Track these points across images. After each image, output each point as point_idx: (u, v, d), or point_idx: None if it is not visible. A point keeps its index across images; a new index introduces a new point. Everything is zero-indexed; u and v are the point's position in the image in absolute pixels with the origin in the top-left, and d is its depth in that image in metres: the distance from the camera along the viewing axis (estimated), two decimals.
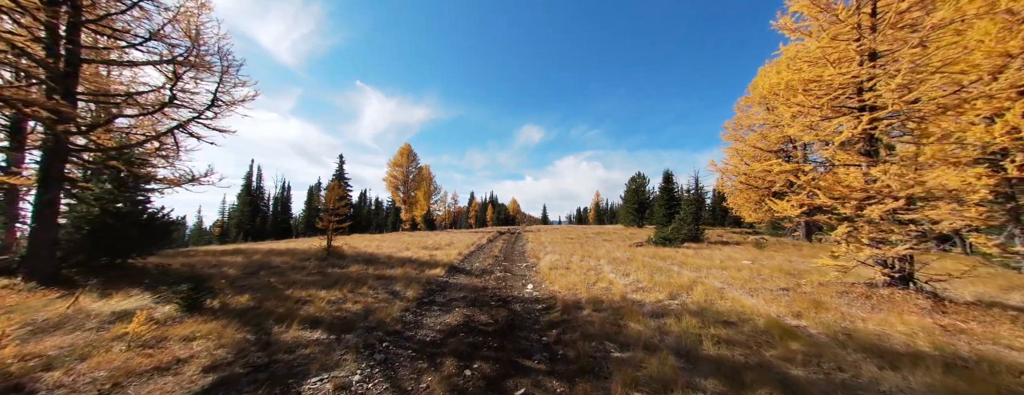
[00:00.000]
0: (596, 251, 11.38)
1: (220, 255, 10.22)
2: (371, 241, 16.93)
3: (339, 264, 8.76)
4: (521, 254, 12.34)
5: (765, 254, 9.82)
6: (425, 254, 11.37)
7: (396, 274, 7.62)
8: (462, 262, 10.26)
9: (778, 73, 5.82)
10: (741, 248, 12.00)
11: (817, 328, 3.61)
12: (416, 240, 17.62)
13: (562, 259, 9.53)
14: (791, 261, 8.15)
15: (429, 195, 40.28)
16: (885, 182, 4.47)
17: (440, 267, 8.62)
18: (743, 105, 17.78)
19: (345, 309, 4.88)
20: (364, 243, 15.43)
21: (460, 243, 15.73)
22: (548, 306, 5.17)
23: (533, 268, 8.77)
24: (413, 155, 34.42)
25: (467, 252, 12.79)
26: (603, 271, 7.26)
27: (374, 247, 13.55)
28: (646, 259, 8.67)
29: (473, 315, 4.85)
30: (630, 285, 5.86)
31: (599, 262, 8.59)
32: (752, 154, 16.24)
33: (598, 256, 9.96)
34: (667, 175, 28.47)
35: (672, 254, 9.67)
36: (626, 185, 34.44)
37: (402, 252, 11.94)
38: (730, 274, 6.38)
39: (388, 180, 32.80)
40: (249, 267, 7.98)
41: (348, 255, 10.43)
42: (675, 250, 11.24)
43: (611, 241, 16.09)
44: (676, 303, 4.58)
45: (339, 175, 39.26)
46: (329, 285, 6.26)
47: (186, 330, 3.73)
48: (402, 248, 13.41)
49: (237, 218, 35.60)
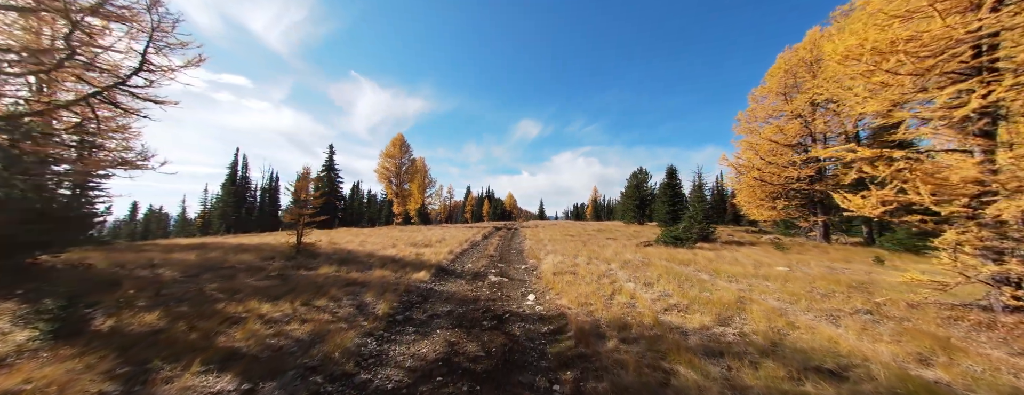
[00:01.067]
0: (602, 251, 10.22)
1: (173, 251, 8.89)
2: (357, 236, 15.64)
3: (308, 265, 7.49)
4: (519, 253, 11.14)
5: (793, 257, 8.71)
6: (412, 252, 10.12)
7: (372, 279, 6.37)
8: (453, 263, 9.04)
9: (852, 34, 4.58)
10: (759, 250, 10.91)
11: (969, 384, 2.44)
12: (406, 236, 16.36)
13: (566, 261, 8.34)
14: (832, 268, 7.04)
15: (423, 188, 38.90)
16: (1017, 173, 3.29)
17: (426, 270, 7.39)
18: (758, 95, 16.58)
19: (286, 333, 3.64)
20: (348, 239, 14.14)
21: (453, 240, 14.50)
22: (557, 329, 3.97)
23: (533, 272, 7.58)
24: (406, 146, 32.93)
25: (459, 250, 11.56)
26: (618, 279, 6.07)
27: (357, 243, 12.27)
28: (664, 263, 7.51)
29: (458, 342, 3.63)
30: (658, 300, 4.68)
31: (610, 266, 7.41)
32: (768, 148, 15.10)
33: (607, 258, 8.79)
34: (671, 170, 27.35)
35: (690, 256, 8.52)
36: (627, 180, 33.33)
37: (386, 250, 10.68)
38: (777, 286, 5.23)
39: (380, 171, 31.34)
40: (195, 268, 6.69)
41: (322, 253, 9.15)
42: (690, 251, 10.11)
43: (616, 239, 14.95)
44: (732, 332, 3.40)
45: (329, 166, 37.67)
46: (282, 295, 5.01)
47: (17, 377, 2.47)
48: (388, 245, 12.15)
49: (220, 209, 33.99)
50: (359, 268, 7.42)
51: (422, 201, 39.25)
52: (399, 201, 32.37)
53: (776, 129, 14.90)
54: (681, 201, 26.68)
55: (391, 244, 12.38)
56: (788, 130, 14.36)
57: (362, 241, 13.28)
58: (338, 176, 37.96)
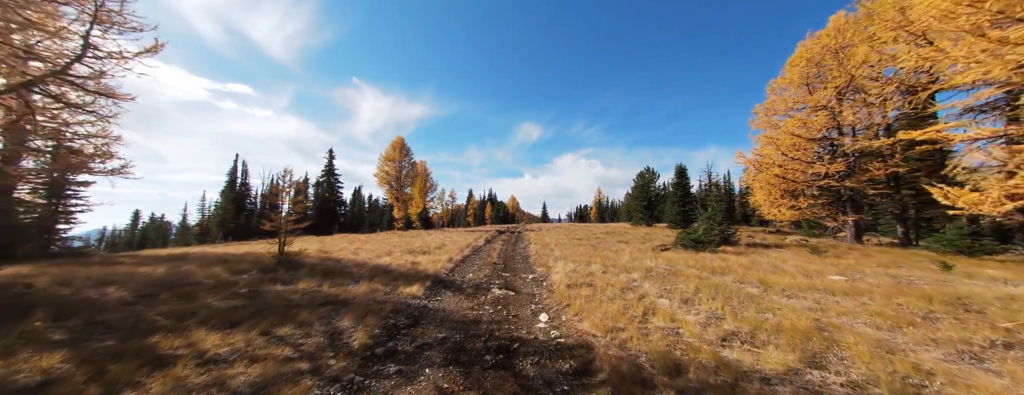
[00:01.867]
0: (618, 257, 9.24)
1: (145, 264, 8.05)
2: (352, 243, 14.78)
3: (286, 278, 6.61)
4: (525, 260, 10.19)
5: (839, 263, 7.67)
6: (408, 261, 9.22)
7: (356, 295, 5.47)
8: (451, 273, 8.11)
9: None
10: (792, 254, 9.86)
11: None
12: (405, 241, 15.48)
13: (579, 269, 7.38)
14: (895, 276, 6.01)
15: (425, 192, 38.11)
16: None
17: (420, 282, 6.47)
18: (778, 86, 15.59)
19: (223, 381, 2.73)
20: (342, 246, 13.28)
21: (453, 245, 13.59)
22: (581, 367, 3.03)
23: (543, 283, 6.63)
24: (406, 149, 32.20)
25: (460, 257, 10.64)
26: (647, 293, 5.10)
27: (350, 251, 11.40)
28: (694, 272, 6.52)
29: (453, 391, 2.71)
30: (708, 325, 3.71)
31: (632, 276, 6.43)
32: (790, 142, 14.06)
33: (624, 265, 7.82)
34: (680, 169, 26.30)
35: (721, 263, 7.52)
36: (633, 181, 32.29)
37: (380, 258, 9.79)
38: (852, 304, 4.21)
39: (379, 175, 30.60)
40: (154, 285, 5.82)
41: (307, 264, 8.26)
42: (716, 256, 9.10)
43: (628, 243, 13.94)
44: (838, 381, 2.42)
45: (328, 171, 37.06)
46: (242, 320, 4.12)
47: None
48: (383, 252, 11.27)
49: (219, 217, 33.43)
50: (344, 281, 6.52)
51: (424, 205, 38.43)
52: (400, 206, 31.58)
53: (799, 122, 13.87)
54: (691, 201, 25.59)
55: (387, 251, 11.50)
56: (813, 123, 13.33)
57: (357, 249, 12.41)
58: (338, 181, 37.34)
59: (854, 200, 13.38)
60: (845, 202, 13.57)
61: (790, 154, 13.96)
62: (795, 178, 14.36)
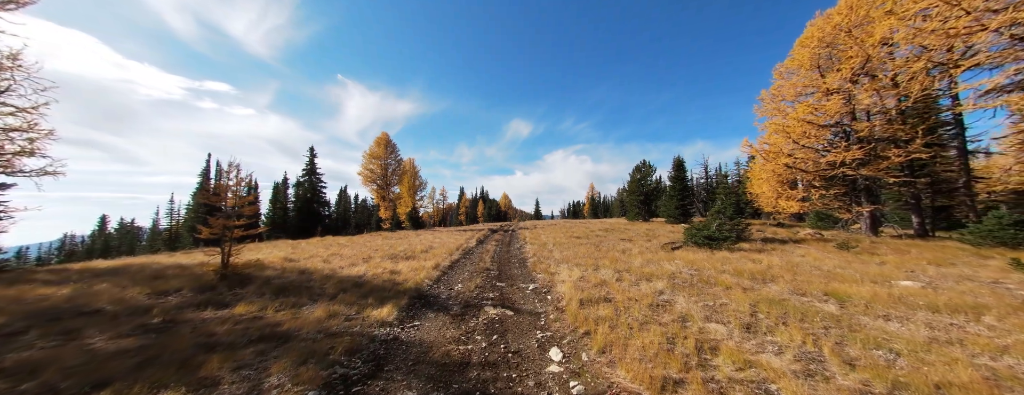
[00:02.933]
0: (628, 259, 8.10)
1: (54, 282, 6.52)
2: (329, 247, 13.32)
3: (223, 300, 5.23)
4: (522, 264, 8.97)
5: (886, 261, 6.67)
6: (386, 269, 7.91)
7: (305, 324, 4.16)
8: (437, 284, 6.83)
9: None
10: (817, 249, 8.91)
11: None
12: (389, 244, 14.09)
13: (588, 276, 6.20)
14: (972, 279, 5.00)
15: (414, 191, 36.54)
16: None
17: (394, 300, 5.19)
18: (785, 70, 14.66)
19: None
20: (315, 252, 11.83)
21: (442, 248, 12.29)
22: None
23: (546, 296, 5.42)
24: (392, 145, 30.55)
25: (448, 262, 9.35)
26: (689, 313, 3.92)
27: (323, 258, 9.99)
28: (730, 279, 5.39)
29: None
30: (810, 376, 2.54)
31: (656, 286, 5.26)
32: (801, 130, 13.16)
33: (639, 269, 6.67)
34: (678, 162, 25.44)
35: (751, 265, 6.44)
36: (629, 175, 31.37)
37: (355, 266, 8.44)
38: (998, 334, 3.11)
39: (363, 174, 28.91)
40: (35, 315, 4.39)
41: (260, 278, 6.86)
42: (738, 255, 8.05)
43: (632, 241, 12.87)
44: None
45: (310, 169, 35.12)
46: (115, 376, 2.78)
47: None
48: (361, 258, 9.91)
49: (190, 221, 31.22)
50: (299, 301, 5.18)
51: (413, 204, 36.86)
52: (386, 205, 29.99)
53: (810, 108, 12.95)
54: (690, 195, 24.79)
55: (365, 257, 10.13)
56: (826, 108, 12.42)
57: (332, 254, 11.00)
58: (321, 180, 35.43)
59: (870, 190, 12.58)
60: (860, 192, 12.76)
61: (802, 142, 13.06)
62: (806, 167, 13.51)
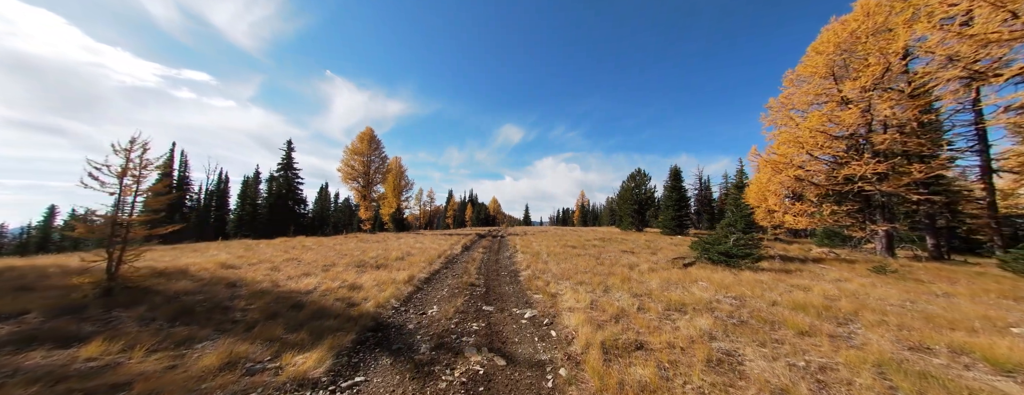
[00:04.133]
0: (643, 280, 6.79)
1: None
2: (291, 250, 11.55)
3: (79, 331, 3.59)
4: (514, 279, 7.53)
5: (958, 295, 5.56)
6: (345, 282, 6.35)
7: (177, 382, 2.60)
8: (405, 305, 5.32)
9: None
10: (849, 272, 7.83)
11: None
12: (361, 249, 12.42)
13: (600, 301, 4.85)
14: None
15: (399, 191, 34.69)
16: None
17: (331, 339, 3.68)
18: (796, 77, 13.92)
19: None
20: (271, 255, 10.07)
21: (422, 255, 10.72)
22: None
23: (550, 333, 4.01)
24: (377, 142, 28.78)
25: (426, 274, 7.82)
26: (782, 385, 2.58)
27: (273, 265, 8.29)
28: (794, 316, 4.10)
29: None
30: None
31: (698, 324, 3.92)
32: (814, 140, 12.32)
33: (665, 296, 5.35)
34: (675, 171, 24.66)
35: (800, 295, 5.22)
36: (623, 183, 30.50)
37: (308, 277, 6.82)
38: None
39: (344, 171, 26.96)
40: None
41: (164, 292, 5.17)
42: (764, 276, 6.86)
43: (635, 253, 11.63)
44: None
45: (286, 164, 32.86)
46: None
47: None
48: (323, 266, 8.28)
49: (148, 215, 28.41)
50: (197, 333, 3.61)
51: (397, 205, 34.98)
52: (367, 205, 28.05)
53: (824, 117, 12.15)
54: (687, 206, 23.97)
55: (328, 264, 8.50)
56: (842, 118, 11.61)
57: (289, 259, 9.29)
58: (297, 176, 33.19)
59: (886, 207, 11.78)
60: (875, 209, 11.96)
61: (815, 153, 12.22)
62: (817, 180, 12.68)
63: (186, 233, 28.67)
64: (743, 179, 42.12)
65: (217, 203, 35.36)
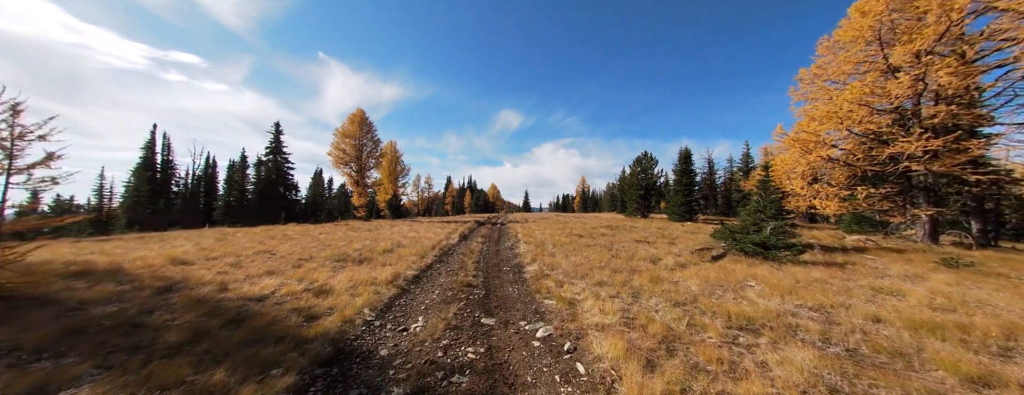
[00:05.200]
0: (674, 278, 5.65)
1: None
2: (268, 241, 10.37)
3: None
4: (518, 276, 6.37)
5: None
6: (313, 283, 5.19)
7: None
8: (380, 318, 4.15)
9: None
10: (911, 264, 6.71)
11: None
12: (348, 238, 11.26)
13: (633, 313, 3.72)
14: None
15: (395, 177, 33.34)
16: None
17: (255, 384, 2.50)
18: (833, 44, 12.35)
19: None
20: (241, 247, 8.88)
21: (414, 246, 9.57)
22: None
23: (576, 366, 2.86)
24: (368, 124, 27.14)
25: (414, 272, 6.65)
26: None
27: (238, 259, 7.12)
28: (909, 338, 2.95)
29: None
30: None
31: (794, 357, 2.77)
32: (853, 116, 10.92)
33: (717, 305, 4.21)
34: (685, 154, 23.29)
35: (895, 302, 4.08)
36: (629, 167, 29.15)
37: (271, 276, 5.65)
38: None
39: (334, 155, 25.47)
40: None
41: (63, 302, 3.97)
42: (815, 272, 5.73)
43: (651, 244, 10.52)
44: None
45: (275, 148, 31.28)
46: None
47: None
48: (294, 261, 7.11)
49: (131, 200, 27.12)
50: (61, 376, 2.42)
51: (393, 191, 33.72)
52: (360, 191, 26.76)
53: (865, 89, 10.70)
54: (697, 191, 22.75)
55: (303, 258, 7.33)
56: (891, 89, 10.18)
57: (261, 252, 8.12)
58: (287, 160, 31.71)
59: (931, 189, 10.56)
60: (920, 191, 10.75)
61: (856, 129, 10.86)
62: (854, 161, 11.41)
63: (172, 220, 27.49)
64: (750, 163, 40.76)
65: (206, 189, 34.02)
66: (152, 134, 29.58)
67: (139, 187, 27.43)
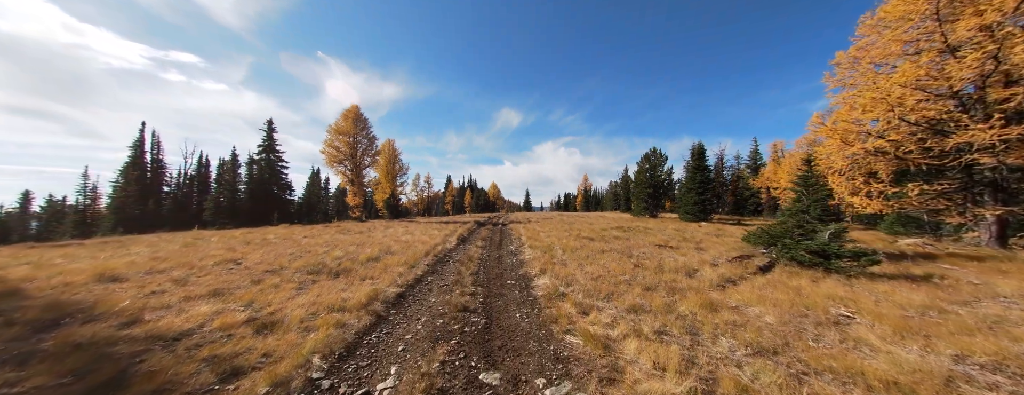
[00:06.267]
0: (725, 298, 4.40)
1: None
2: (241, 247, 9.17)
3: None
4: (526, 293, 5.10)
5: None
6: (260, 312, 3.98)
7: None
8: (338, 369, 2.90)
9: None
10: (997, 274, 5.42)
11: None
12: (332, 243, 10.06)
13: (705, 369, 2.45)
14: None
15: (393, 175, 32.19)
16: None
17: None
18: (878, 22, 10.98)
19: None
20: (214, 252, 7.68)
21: (405, 252, 8.33)
22: None
23: None
24: (363, 121, 25.93)
25: (398, 289, 5.40)
26: None
27: (191, 269, 5.90)
28: None
29: None
30: None
31: None
32: (910, 102, 9.54)
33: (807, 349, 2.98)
34: (698, 150, 21.93)
35: None
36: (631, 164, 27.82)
37: (206, 301, 4.42)
38: None
39: (327, 152, 24.27)
40: None
41: None
42: (899, 291, 4.46)
43: (676, 249, 9.24)
44: None
45: (268, 146, 30.15)
46: None
47: None
48: (260, 272, 5.90)
49: (119, 201, 26.07)
50: None
51: (392, 190, 32.56)
52: (355, 190, 25.58)
53: (920, 71, 9.33)
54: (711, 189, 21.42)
55: (270, 270, 6.12)
56: (952, 70, 8.80)
57: (224, 261, 6.91)
58: (281, 159, 30.59)
59: (1000, 185, 9.22)
60: (983, 187, 9.41)
61: (910, 117, 9.51)
62: (904, 154, 10.06)
63: (162, 220, 26.44)
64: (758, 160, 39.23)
65: (198, 189, 32.99)
66: (141, 132, 28.52)
67: (127, 187, 26.38)
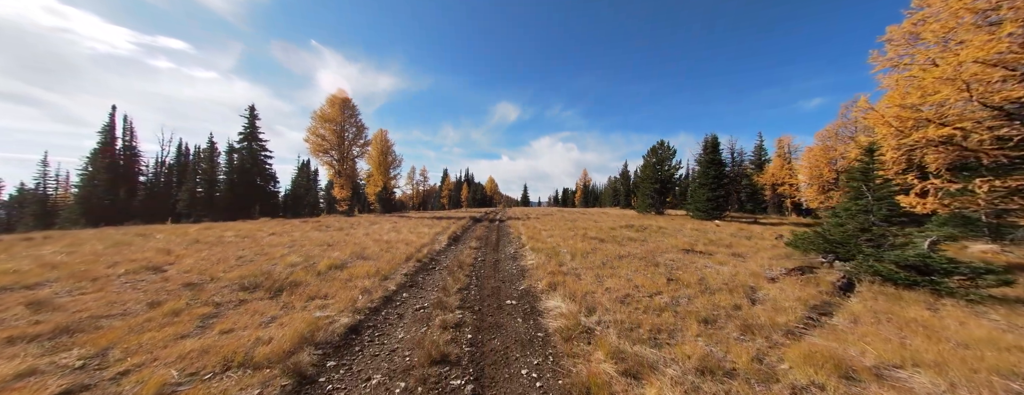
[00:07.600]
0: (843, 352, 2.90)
1: None
2: (187, 246, 7.57)
3: None
4: (532, 320, 3.59)
5: None
6: (124, 362, 2.37)
7: None
8: None
9: None
10: None
11: None
12: (300, 241, 8.49)
13: None
14: None
15: (386, 168, 30.48)
16: None
17: None
18: None
19: None
20: (142, 254, 6.07)
21: (383, 255, 6.77)
22: None
23: None
24: (352, 108, 24.09)
25: (351, 316, 3.85)
26: None
27: (94, 277, 4.30)
28: None
29: None
30: None
31: None
32: (981, 83, 8.04)
33: None
34: (712, 142, 20.42)
35: None
36: (643, 157, 26.29)
37: (11, 351, 2.84)
38: None
39: (312, 141, 22.46)
40: None
41: None
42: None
43: (707, 254, 7.76)
44: None
45: (250, 134, 28.20)
46: None
47: None
48: (177, 286, 4.33)
49: (86, 190, 24.16)
50: None
51: (384, 183, 30.88)
52: (342, 182, 23.86)
53: (1000, 45, 7.79)
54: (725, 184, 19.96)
55: (192, 284, 4.56)
56: None
57: (146, 266, 5.32)
58: (264, 148, 28.68)
59: None
60: None
61: (988, 100, 8.01)
62: (975, 144, 8.62)
63: (134, 212, 24.63)
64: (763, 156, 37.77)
65: (178, 179, 31.07)
66: (111, 117, 26.45)
67: (95, 176, 24.47)
